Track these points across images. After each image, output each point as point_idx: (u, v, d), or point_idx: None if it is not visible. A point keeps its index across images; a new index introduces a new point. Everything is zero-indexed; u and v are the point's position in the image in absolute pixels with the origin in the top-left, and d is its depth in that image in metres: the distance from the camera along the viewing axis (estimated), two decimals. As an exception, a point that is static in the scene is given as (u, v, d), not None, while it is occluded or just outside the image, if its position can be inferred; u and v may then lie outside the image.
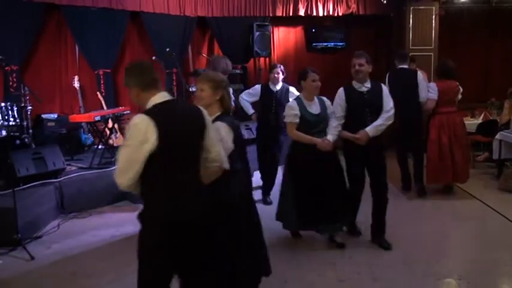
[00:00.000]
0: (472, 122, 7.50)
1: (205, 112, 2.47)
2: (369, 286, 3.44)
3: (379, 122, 3.96)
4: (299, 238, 4.38)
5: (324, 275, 3.63)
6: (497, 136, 6.30)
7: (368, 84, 4.06)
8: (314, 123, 3.98)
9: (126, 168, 2.23)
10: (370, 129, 3.94)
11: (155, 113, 2.25)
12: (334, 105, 4.08)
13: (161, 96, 2.35)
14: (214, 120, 2.69)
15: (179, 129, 2.30)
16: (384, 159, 4.14)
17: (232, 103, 3.13)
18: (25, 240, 4.25)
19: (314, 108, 4.02)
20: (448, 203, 5.46)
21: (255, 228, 3.01)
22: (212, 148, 2.47)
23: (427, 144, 5.61)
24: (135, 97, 2.40)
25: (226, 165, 2.58)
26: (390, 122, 4.02)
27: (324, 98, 4.13)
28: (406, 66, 5.88)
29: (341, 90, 4.10)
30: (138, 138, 2.19)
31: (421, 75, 5.74)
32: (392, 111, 4.02)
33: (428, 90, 5.51)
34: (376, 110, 4.01)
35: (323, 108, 4.05)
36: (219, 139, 2.59)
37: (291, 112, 3.97)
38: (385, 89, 4.10)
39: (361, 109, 4.02)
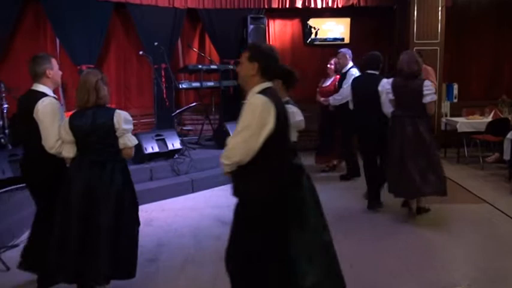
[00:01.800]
0: (481, 121, 7.51)
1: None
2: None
3: None
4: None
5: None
6: (509, 135, 6.30)
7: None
8: None
9: None
10: None
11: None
12: None
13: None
14: None
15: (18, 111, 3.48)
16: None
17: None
18: (0, 249, 4.19)
19: None
20: (456, 207, 5.44)
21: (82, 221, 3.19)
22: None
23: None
24: None
25: (64, 154, 3.25)
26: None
27: (289, 105, 3.25)
28: (375, 72, 5.42)
29: None
30: None
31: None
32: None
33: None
34: None
35: None
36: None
37: None
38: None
39: None
